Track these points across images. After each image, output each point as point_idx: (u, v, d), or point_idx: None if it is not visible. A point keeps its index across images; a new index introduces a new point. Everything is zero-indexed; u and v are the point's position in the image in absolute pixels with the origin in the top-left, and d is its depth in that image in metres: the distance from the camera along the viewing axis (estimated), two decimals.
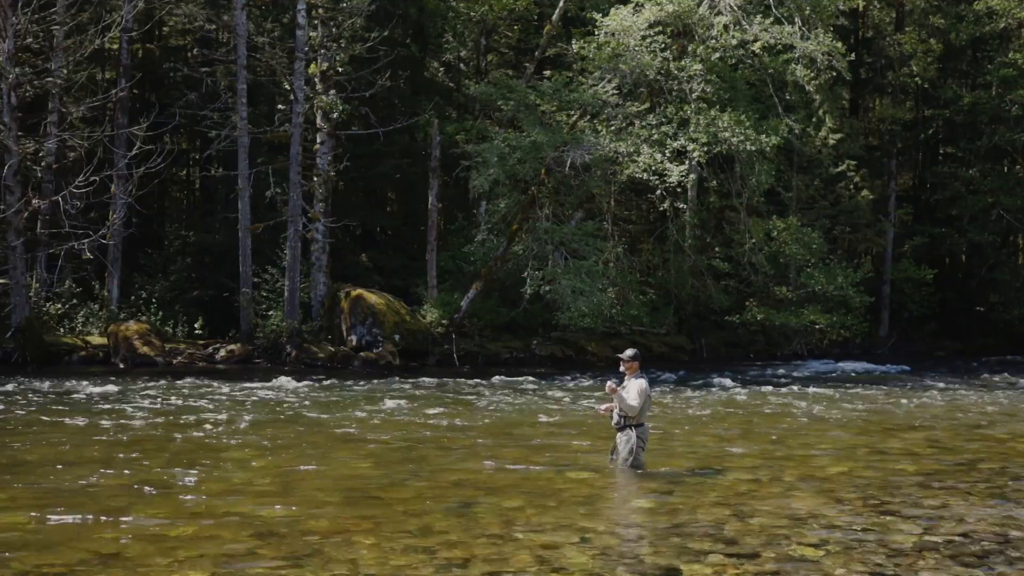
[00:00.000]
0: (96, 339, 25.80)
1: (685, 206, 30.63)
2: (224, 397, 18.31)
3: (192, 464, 11.45)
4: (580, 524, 8.75)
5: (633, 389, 10.88)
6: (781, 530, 8.63)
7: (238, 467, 11.35)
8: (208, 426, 14.51)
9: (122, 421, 14.70)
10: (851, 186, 35.13)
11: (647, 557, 7.78)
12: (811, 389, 22.39)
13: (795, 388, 22.63)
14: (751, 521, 8.96)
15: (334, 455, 12.31)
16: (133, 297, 27.99)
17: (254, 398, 18.31)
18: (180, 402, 17.35)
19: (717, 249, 32.16)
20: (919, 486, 10.81)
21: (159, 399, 17.69)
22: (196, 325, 27.68)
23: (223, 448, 12.69)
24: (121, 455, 11.90)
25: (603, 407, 11.38)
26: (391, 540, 8.07)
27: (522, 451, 12.78)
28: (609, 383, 10.98)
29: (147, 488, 10.01)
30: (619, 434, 11.10)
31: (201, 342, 26.86)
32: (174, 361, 25.13)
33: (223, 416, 15.58)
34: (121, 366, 24.34)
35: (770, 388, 22.40)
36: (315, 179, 28.65)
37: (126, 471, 10.88)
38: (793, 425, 16.09)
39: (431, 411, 16.86)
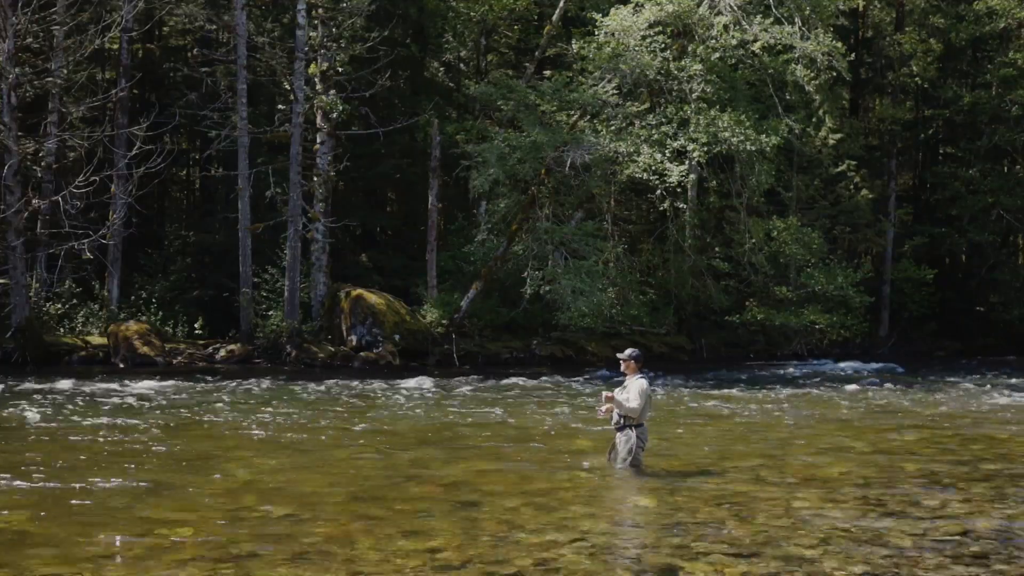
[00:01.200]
0: (96, 339, 25.80)
1: (685, 206, 30.62)
2: (224, 397, 18.31)
3: (192, 464, 11.45)
4: (580, 524, 8.75)
5: (634, 390, 10.87)
6: (781, 530, 8.63)
7: (238, 467, 11.35)
8: (208, 426, 14.51)
9: (121, 421, 14.69)
10: (851, 186, 35.11)
11: (647, 557, 7.78)
12: (811, 389, 22.39)
13: (795, 388, 22.63)
14: (751, 521, 8.96)
15: (334, 455, 12.31)
16: (133, 297, 27.98)
17: (252, 398, 18.31)
18: (180, 402, 17.35)
19: (717, 249, 32.14)
20: (919, 486, 10.81)
21: (159, 399, 17.69)
22: (196, 325, 27.67)
23: (223, 448, 12.69)
24: (120, 454, 11.91)
25: (603, 408, 11.38)
26: (391, 540, 8.07)
27: (521, 451, 12.78)
28: (604, 394, 10.98)
29: (147, 488, 10.02)
30: (618, 434, 11.10)
31: (201, 342, 26.86)
32: (174, 361, 25.13)
33: (223, 417, 15.58)
34: (121, 366, 24.34)
35: (770, 388, 22.40)
36: (315, 179, 28.65)
37: (125, 470, 10.88)
38: (793, 425, 16.09)
39: (431, 411, 16.86)
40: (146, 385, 19.67)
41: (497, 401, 18.62)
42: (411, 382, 21.50)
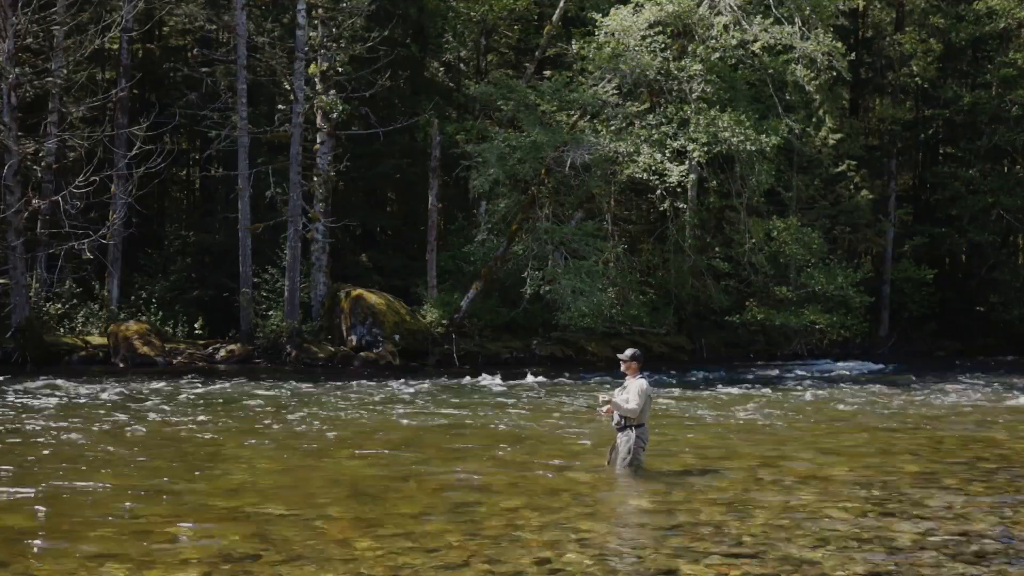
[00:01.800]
0: (96, 339, 25.80)
1: (685, 206, 30.62)
2: (222, 398, 18.30)
3: (192, 464, 11.45)
4: (580, 524, 8.75)
5: (633, 390, 10.88)
6: (781, 530, 8.63)
7: (239, 467, 11.35)
8: (208, 426, 14.51)
9: (120, 421, 14.70)
10: (851, 186, 35.12)
11: (647, 557, 7.78)
12: (811, 389, 22.39)
13: (794, 388, 22.63)
14: (751, 521, 8.95)
15: (334, 455, 12.31)
16: (133, 297, 27.99)
17: (254, 399, 18.30)
18: (179, 402, 17.35)
19: (717, 249, 32.14)
20: (919, 486, 10.81)
21: (159, 399, 17.69)
22: (196, 325, 27.68)
23: (223, 448, 12.69)
24: (121, 455, 11.91)
25: (604, 408, 11.37)
26: (391, 540, 8.07)
27: (521, 451, 12.78)
28: (602, 396, 11.08)
29: (146, 488, 10.02)
30: (619, 434, 11.09)
31: (201, 342, 26.86)
32: (174, 361, 25.14)
33: (221, 417, 15.58)
34: (121, 366, 24.35)
35: (769, 388, 22.39)
36: (315, 179, 28.65)
37: (125, 471, 10.88)
38: (792, 425, 16.08)
39: (431, 412, 16.86)
40: (145, 385, 19.67)
41: (497, 401, 18.61)
42: (410, 382, 21.50)
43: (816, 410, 18.27)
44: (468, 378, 22.79)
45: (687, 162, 28.43)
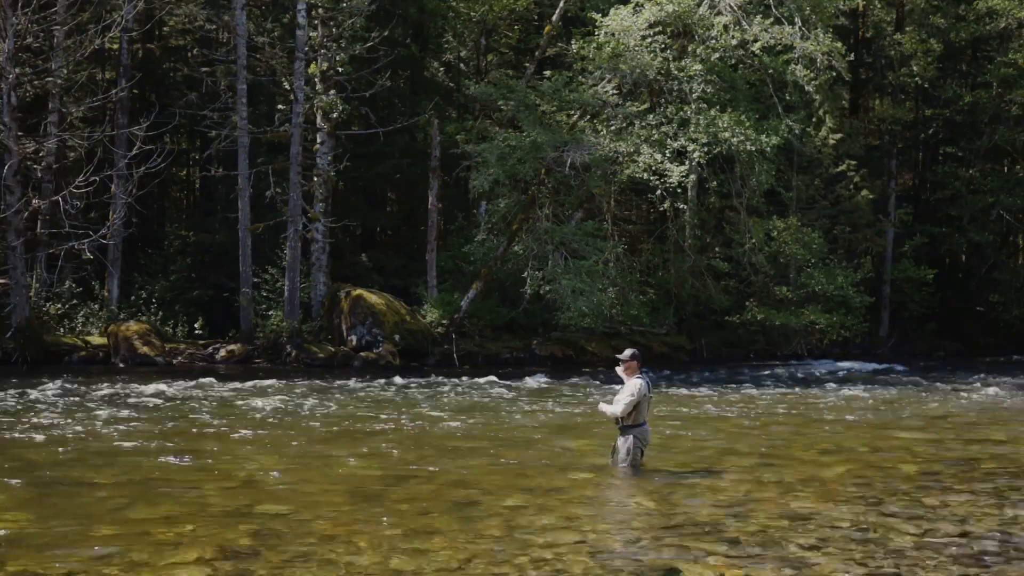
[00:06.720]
0: (96, 339, 25.81)
1: (685, 206, 30.61)
2: (221, 397, 18.30)
3: (192, 463, 11.45)
4: (580, 524, 8.75)
5: (624, 391, 10.87)
6: (781, 530, 8.63)
7: (238, 466, 11.35)
8: (209, 426, 14.51)
9: (121, 420, 14.69)
10: (851, 186, 35.11)
11: (647, 557, 7.78)
12: (810, 389, 22.39)
13: (794, 388, 22.63)
14: (751, 521, 8.95)
15: (333, 455, 12.31)
16: (133, 297, 27.99)
17: (253, 399, 18.30)
18: (178, 402, 17.35)
19: (717, 249, 32.14)
20: (919, 486, 10.81)
21: (157, 399, 17.69)
22: (196, 325, 27.68)
23: (224, 448, 12.69)
24: (121, 454, 11.91)
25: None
26: (391, 540, 8.07)
27: (522, 451, 12.78)
28: (601, 406, 11.32)
29: (146, 488, 10.02)
30: (619, 435, 11.10)
31: (201, 342, 26.86)
32: (174, 361, 25.14)
33: (220, 416, 15.58)
34: (121, 366, 24.35)
35: (769, 388, 22.40)
36: (315, 179, 28.65)
37: (126, 469, 10.88)
38: (793, 425, 16.09)
39: (431, 412, 16.86)
40: (144, 385, 19.66)
41: (497, 401, 18.62)
42: (409, 381, 21.49)
43: (816, 410, 18.27)
44: (467, 378, 22.78)
45: (687, 162, 28.41)
